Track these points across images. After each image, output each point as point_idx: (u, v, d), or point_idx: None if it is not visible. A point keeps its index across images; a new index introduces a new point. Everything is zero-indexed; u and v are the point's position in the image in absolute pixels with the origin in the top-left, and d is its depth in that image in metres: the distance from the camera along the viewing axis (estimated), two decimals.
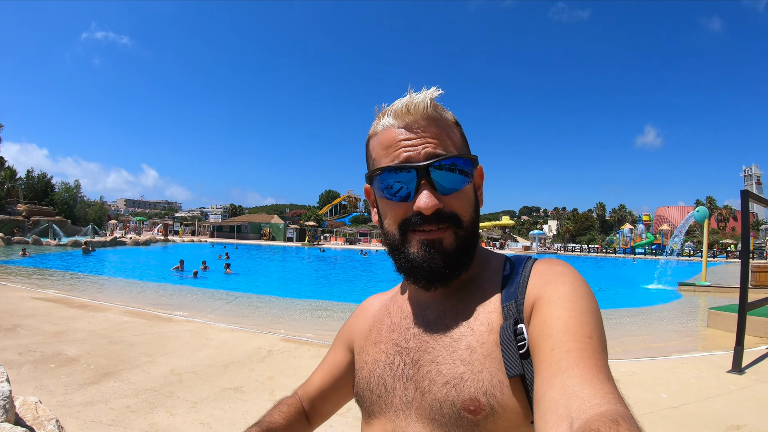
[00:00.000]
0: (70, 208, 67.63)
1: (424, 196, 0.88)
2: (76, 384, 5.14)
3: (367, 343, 1.09)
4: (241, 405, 4.82)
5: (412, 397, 0.92)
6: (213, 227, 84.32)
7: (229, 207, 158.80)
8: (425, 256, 0.91)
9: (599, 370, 0.70)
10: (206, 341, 7.48)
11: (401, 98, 0.95)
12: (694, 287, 20.00)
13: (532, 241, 78.74)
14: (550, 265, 0.92)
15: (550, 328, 0.77)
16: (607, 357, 0.75)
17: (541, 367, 0.74)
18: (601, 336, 0.77)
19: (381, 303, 1.17)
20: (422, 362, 0.93)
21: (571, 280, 0.85)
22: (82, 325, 8.16)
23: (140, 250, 41.04)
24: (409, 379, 0.94)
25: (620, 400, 0.65)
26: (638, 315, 13.38)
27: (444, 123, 0.95)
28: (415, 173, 0.89)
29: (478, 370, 0.85)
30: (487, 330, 0.88)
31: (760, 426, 4.68)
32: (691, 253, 59.85)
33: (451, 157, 0.91)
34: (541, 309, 0.82)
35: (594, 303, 0.83)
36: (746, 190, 7.22)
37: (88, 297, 12.18)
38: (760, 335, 8.91)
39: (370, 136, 1.00)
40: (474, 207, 0.96)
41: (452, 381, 0.86)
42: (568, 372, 0.69)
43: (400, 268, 0.97)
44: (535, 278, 0.90)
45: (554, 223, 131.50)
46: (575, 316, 0.78)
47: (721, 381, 6.17)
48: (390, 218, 0.95)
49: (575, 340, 0.74)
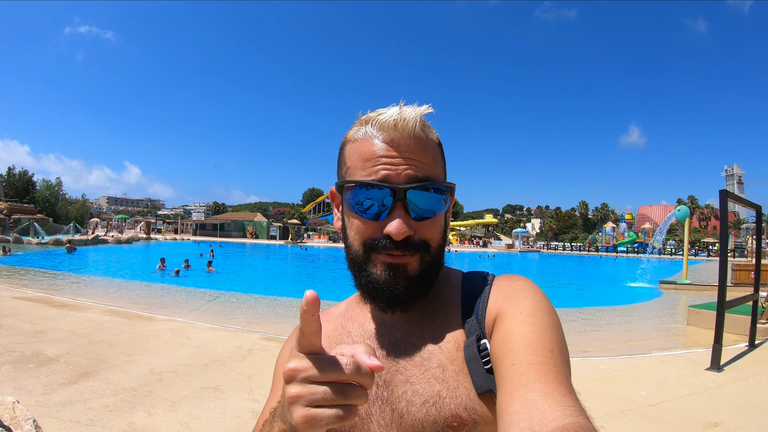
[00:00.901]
0: (52, 205, 66.74)
1: (396, 221, 0.85)
2: (55, 384, 5.14)
3: None
4: (219, 404, 4.85)
5: (390, 419, 0.88)
6: (196, 225, 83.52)
7: (213, 205, 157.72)
8: (387, 280, 0.88)
9: (560, 384, 0.70)
10: (186, 340, 7.49)
11: (389, 109, 0.91)
12: (675, 285, 20.26)
13: (515, 239, 78.97)
14: (510, 280, 0.92)
15: (511, 343, 0.78)
16: (570, 370, 0.76)
17: (502, 381, 0.75)
18: (563, 350, 0.78)
19: (332, 324, 1.08)
20: (395, 383, 0.89)
21: (531, 294, 0.86)
22: (63, 324, 8.13)
23: (122, 249, 40.63)
24: (384, 401, 0.89)
25: (582, 412, 0.66)
26: (619, 313, 13.56)
27: (429, 145, 0.91)
28: (392, 195, 0.85)
29: (454, 387, 0.84)
30: (455, 347, 0.88)
31: (738, 423, 4.79)
32: (672, 251, 60.49)
33: (432, 184, 0.88)
34: (503, 324, 0.82)
35: (555, 317, 0.83)
36: (725, 190, 7.36)
37: (69, 296, 12.10)
38: (738, 333, 9.09)
39: (347, 141, 0.95)
40: (443, 233, 0.94)
41: (431, 400, 0.84)
42: (529, 386, 0.69)
43: (360, 287, 0.94)
44: (496, 294, 0.89)
45: (537, 222, 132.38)
46: (536, 331, 0.78)
47: (699, 378, 6.30)
48: (355, 233, 0.91)
49: (536, 355, 0.74)
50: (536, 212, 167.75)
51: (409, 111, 0.88)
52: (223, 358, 6.58)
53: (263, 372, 6.01)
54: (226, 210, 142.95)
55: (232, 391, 5.26)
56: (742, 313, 9.12)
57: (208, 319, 10.02)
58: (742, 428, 4.67)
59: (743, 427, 4.70)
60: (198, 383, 5.47)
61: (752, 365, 7.00)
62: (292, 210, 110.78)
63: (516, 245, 73.69)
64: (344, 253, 0.97)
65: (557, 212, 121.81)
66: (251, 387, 5.43)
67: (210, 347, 7.14)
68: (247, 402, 4.95)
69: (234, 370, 6.03)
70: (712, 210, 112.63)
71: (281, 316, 11.56)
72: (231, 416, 4.56)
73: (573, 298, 18.26)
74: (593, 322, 11.85)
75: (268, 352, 6.96)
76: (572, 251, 72.20)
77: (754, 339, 8.24)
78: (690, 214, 23.27)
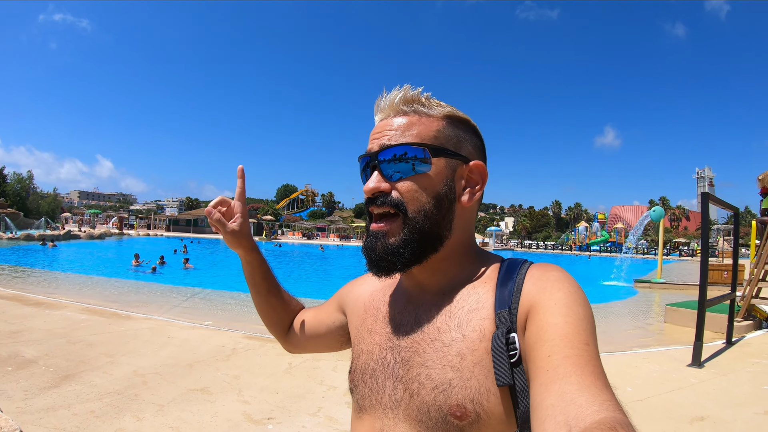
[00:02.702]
0: (23, 200, 65.49)
1: (370, 179, 0.96)
2: (36, 388, 4.99)
3: (364, 328, 1.10)
4: (209, 407, 4.76)
5: (401, 397, 0.93)
6: (169, 220, 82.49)
7: (186, 200, 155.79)
8: (367, 245, 0.98)
9: (597, 378, 0.70)
10: (168, 339, 7.36)
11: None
12: (649, 284, 20.65)
13: (490, 237, 79.45)
14: (545, 270, 0.91)
15: (546, 334, 0.77)
16: (602, 363, 0.75)
17: (538, 373, 0.74)
18: (596, 343, 0.78)
19: (379, 285, 1.16)
20: (412, 363, 0.93)
21: (566, 286, 0.86)
22: (39, 324, 7.93)
23: (95, 244, 39.91)
24: (399, 378, 0.95)
25: (618, 407, 0.66)
26: (597, 311, 13.57)
27: (413, 117, 0.97)
28: (368, 161, 0.98)
29: (467, 378, 0.85)
30: (479, 337, 0.88)
31: (722, 416, 4.92)
32: (645, 251, 61.59)
33: (400, 145, 0.93)
34: (537, 315, 0.82)
35: (589, 310, 0.83)
36: (707, 192, 7.51)
37: (43, 294, 11.82)
38: (715, 330, 9.27)
39: None
40: (434, 199, 0.95)
41: (441, 386, 0.86)
42: (566, 379, 0.69)
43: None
44: (529, 284, 0.89)
45: (511, 220, 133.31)
46: (572, 323, 0.78)
47: (682, 374, 6.43)
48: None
49: (572, 347, 0.74)
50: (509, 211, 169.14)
51: (392, 92, 0.99)
52: (207, 357, 6.48)
53: (250, 372, 5.94)
54: (200, 205, 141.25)
55: (220, 393, 5.16)
56: (718, 311, 9.31)
57: (188, 317, 9.87)
58: (727, 422, 4.79)
59: (728, 420, 4.83)
60: (184, 385, 5.36)
61: (731, 362, 7.16)
62: (266, 206, 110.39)
63: (490, 244, 74.16)
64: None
65: (530, 211, 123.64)
66: (240, 388, 5.34)
67: (192, 346, 7.02)
68: (237, 404, 4.87)
69: (220, 371, 5.94)
70: (683, 211, 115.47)
71: None
72: (222, 419, 4.47)
73: None
74: None
75: (252, 352, 6.88)
76: (546, 250, 73.00)
77: (731, 336, 8.42)
78: (664, 214, 23.66)
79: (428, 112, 0.98)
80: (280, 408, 4.79)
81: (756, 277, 9.83)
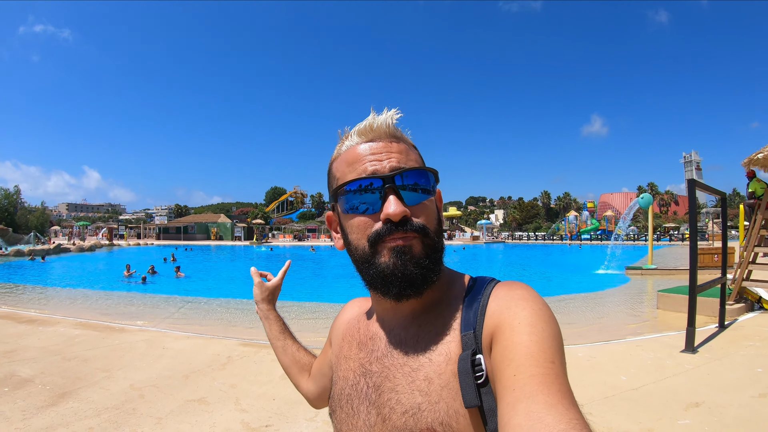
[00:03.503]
0: (11, 215, 64.54)
1: (391, 203, 0.90)
2: (34, 408, 4.97)
3: (341, 355, 1.11)
4: (207, 417, 4.76)
5: (374, 422, 0.94)
6: (159, 229, 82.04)
7: (175, 207, 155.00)
8: (397, 263, 0.91)
9: (563, 396, 0.70)
10: (163, 350, 7.35)
11: (364, 120, 1.00)
12: (641, 271, 20.79)
13: (480, 231, 79.57)
14: (509, 289, 0.91)
15: (512, 354, 0.78)
16: (568, 380, 0.76)
17: (504, 393, 0.74)
18: (563, 360, 0.78)
19: (355, 314, 1.19)
20: (383, 389, 0.94)
21: (530, 304, 0.85)
22: (33, 341, 7.89)
23: (86, 257, 39.65)
24: (371, 403, 0.96)
25: (585, 425, 0.66)
26: (590, 300, 13.84)
27: (404, 142, 1.00)
28: (381, 182, 0.92)
29: (435, 401, 0.85)
30: (445, 361, 0.89)
31: (717, 401, 4.95)
32: (635, 237, 61.91)
33: (415, 169, 0.94)
34: (503, 335, 0.82)
35: (555, 326, 0.83)
36: (693, 179, 7.57)
37: (36, 310, 11.78)
38: (707, 314, 9.37)
39: (333, 160, 1.03)
40: (438, 222, 0.98)
41: (410, 411, 0.87)
42: (532, 398, 0.70)
43: (371, 281, 0.96)
44: (493, 305, 0.89)
45: (501, 213, 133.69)
46: (537, 341, 0.78)
47: (676, 361, 6.48)
48: (358, 233, 0.95)
49: (538, 366, 0.74)
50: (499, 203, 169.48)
51: (381, 115, 0.99)
52: (203, 367, 6.47)
53: (246, 380, 5.94)
54: (189, 212, 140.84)
55: (218, 403, 5.16)
56: (710, 295, 9.40)
57: (182, 327, 9.84)
58: (722, 406, 4.82)
59: (723, 405, 4.85)
60: (181, 396, 5.36)
61: (724, 346, 7.22)
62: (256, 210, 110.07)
63: (481, 237, 74.34)
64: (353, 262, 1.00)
65: (520, 203, 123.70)
66: (237, 396, 5.34)
67: (188, 357, 7.01)
68: (234, 413, 4.87)
69: (216, 380, 5.93)
70: (671, 196, 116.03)
71: (255, 320, 11.31)
72: (221, 429, 4.46)
73: (542, 287, 18.47)
74: (565, 310, 12.07)
75: (248, 359, 6.88)
76: (537, 240, 73.22)
77: (723, 320, 8.51)
78: (652, 201, 23.81)
79: (409, 141, 1.02)
80: (277, 414, 4.80)
81: (746, 259, 9.93)
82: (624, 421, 4.55)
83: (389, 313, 1.03)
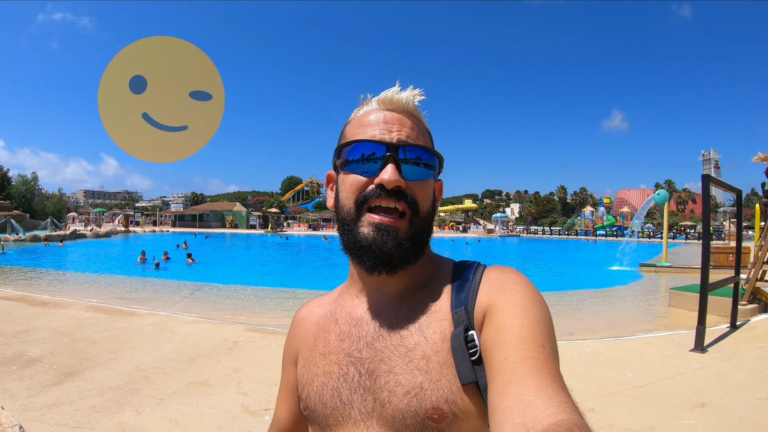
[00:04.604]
0: (28, 201, 65.61)
1: (388, 170, 0.90)
2: (40, 386, 5.05)
3: (314, 354, 1.05)
4: (208, 399, 4.81)
5: (372, 408, 0.91)
6: (175, 216, 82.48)
7: (191, 195, 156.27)
8: (376, 238, 0.91)
9: (553, 380, 0.70)
10: (171, 334, 7.41)
11: (388, 89, 1.00)
12: (655, 268, 20.54)
13: (495, 224, 79.31)
14: (502, 272, 0.92)
15: (503, 337, 0.78)
16: (559, 364, 0.76)
17: (495, 375, 0.75)
18: (553, 345, 0.79)
19: (324, 309, 1.13)
20: (379, 372, 0.91)
21: (523, 288, 0.86)
22: (44, 323, 8.00)
23: (101, 243, 40.00)
24: (366, 390, 0.92)
25: (575, 409, 0.66)
26: (602, 295, 13.73)
27: (419, 123, 1.00)
28: (385, 149, 0.91)
29: (437, 379, 0.85)
30: (440, 338, 0.88)
31: (724, 402, 4.86)
32: (650, 234, 61.28)
33: (421, 147, 0.95)
34: (495, 317, 0.82)
35: (546, 312, 0.83)
36: (707, 174, 7.46)
37: (49, 293, 11.95)
38: (719, 314, 9.24)
39: (349, 121, 1.03)
40: (432, 203, 0.98)
41: (412, 391, 0.86)
42: (522, 381, 0.70)
43: (347, 247, 0.97)
44: (486, 286, 0.90)
45: (516, 206, 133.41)
46: (528, 325, 0.78)
47: (684, 359, 6.38)
48: (348, 192, 0.96)
49: (529, 349, 0.74)
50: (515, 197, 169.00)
51: (405, 91, 1.00)
52: (209, 351, 6.52)
53: (250, 364, 5.98)
54: (205, 200, 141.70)
55: (220, 386, 5.20)
56: (723, 294, 9.26)
57: (191, 312, 9.94)
58: (728, 408, 4.73)
59: (729, 406, 4.77)
60: (185, 378, 5.41)
61: (735, 346, 7.11)
62: (272, 199, 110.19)
63: (496, 230, 74.07)
64: (337, 222, 1.01)
65: (536, 197, 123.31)
66: (239, 380, 5.38)
67: (195, 341, 7.07)
68: (236, 396, 4.91)
69: (221, 364, 5.98)
70: (689, 194, 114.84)
71: (264, 306, 11.52)
72: (221, 411, 4.51)
73: (555, 282, 18.46)
74: (577, 305, 12.00)
75: (254, 344, 6.92)
76: (552, 235, 72.79)
77: (735, 320, 8.38)
78: (668, 197, 23.54)
79: (425, 124, 1.03)
80: None
81: (761, 259, 9.77)
82: (627, 418, 4.50)
83: (376, 295, 1.01)
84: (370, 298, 1.02)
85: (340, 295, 1.12)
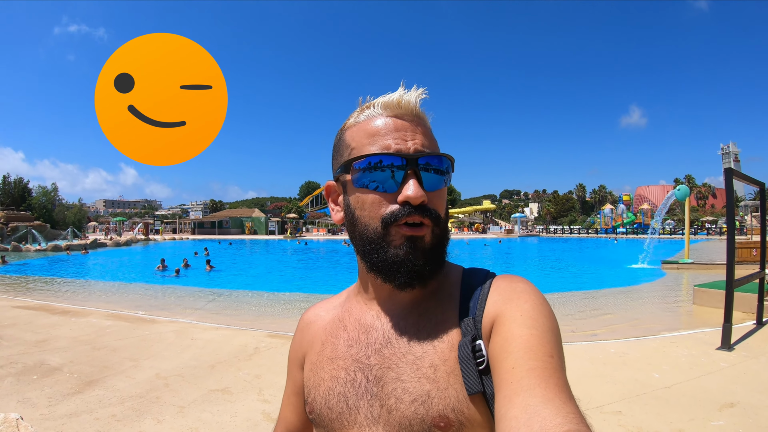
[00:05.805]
0: (49, 212, 66.67)
1: (411, 185, 0.87)
2: (60, 395, 5.07)
3: (322, 358, 1.04)
4: (229, 407, 4.79)
5: (378, 414, 0.90)
6: (194, 224, 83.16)
7: (210, 203, 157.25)
8: (408, 254, 0.88)
9: (560, 390, 0.70)
10: (191, 341, 7.42)
11: (389, 93, 0.95)
12: (677, 265, 20.28)
13: (514, 224, 78.99)
14: (510, 281, 0.91)
15: (511, 346, 0.77)
16: (566, 375, 0.75)
17: (502, 385, 0.74)
18: (561, 355, 0.78)
19: (331, 314, 1.12)
20: (386, 379, 0.91)
21: (532, 297, 0.85)
22: (64, 332, 8.06)
23: (122, 251, 40.51)
24: (373, 396, 0.92)
25: (582, 420, 0.66)
26: (624, 294, 13.54)
27: (428, 126, 0.97)
28: (404, 164, 0.88)
29: (444, 388, 0.84)
30: (448, 347, 0.88)
31: (753, 402, 4.74)
32: (672, 231, 60.54)
33: (438, 155, 0.91)
34: (503, 326, 0.82)
35: (554, 321, 0.83)
36: (730, 168, 7.32)
37: (70, 302, 12.07)
38: (746, 311, 9.04)
39: (348, 127, 0.98)
40: (446, 210, 0.96)
41: (420, 399, 0.85)
42: (530, 391, 0.69)
43: (377, 265, 0.92)
44: (495, 295, 0.89)
45: (535, 206, 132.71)
46: (536, 335, 0.78)
47: (711, 358, 6.24)
48: (370, 211, 0.91)
49: (536, 359, 0.74)
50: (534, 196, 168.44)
51: (411, 92, 0.94)
52: (230, 358, 6.52)
53: (271, 371, 5.95)
54: (224, 207, 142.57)
55: (241, 393, 5.19)
56: (748, 290, 9.09)
57: (212, 319, 9.97)
58: (758, 408, 4.61)
59: (759, 406, 4.65)
60: (205, 386, 5.40)
61: (762, 343, 6.97)
62: (290, 204, 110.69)
63: (515, 230, 73.76)
64: (353, 240, 0.97)
65: (555, 196, 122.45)
66: (260, 387, 5.36)
67: (215, 347, 7.08)
68: (257, 403, 4.88)
69: (241, 370, 5.97)
70: (709, 189, 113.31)
71: (285, 312, 11.51)
72: (242, 419, 4.48)
73: (576, 281, 18.29)
74: (598, 304, 11.86)
75: (275, 350, 6.91)
76: (572, 234, 72.23)
77: (761, 316, 8.21)
78: (689, 193, 23.22)
79: (430, 127, 0.99)
80: None
81: None
82: (654, 420, 4.41)
83: (387, 303, 1.00)
84: (380, 306, 1.01)
85: (348, 300, 1.10)
